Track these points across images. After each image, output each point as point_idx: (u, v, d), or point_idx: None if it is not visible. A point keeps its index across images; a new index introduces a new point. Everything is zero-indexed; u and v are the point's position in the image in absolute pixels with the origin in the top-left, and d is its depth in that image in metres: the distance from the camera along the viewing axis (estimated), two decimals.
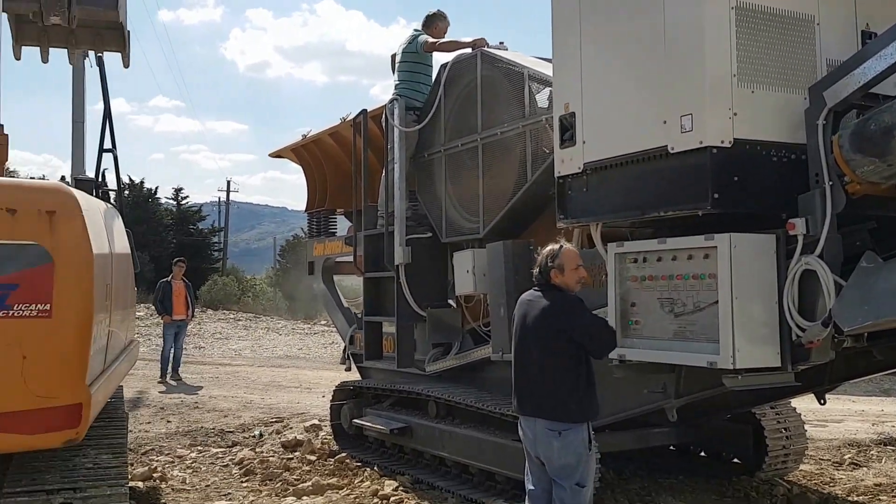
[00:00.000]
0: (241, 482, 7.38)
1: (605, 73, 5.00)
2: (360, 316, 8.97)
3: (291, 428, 9.88)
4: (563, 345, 4.25)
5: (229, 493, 7.02)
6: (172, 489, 7.03)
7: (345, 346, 9.36)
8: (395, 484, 6.85)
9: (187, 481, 7.33)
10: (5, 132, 6.07)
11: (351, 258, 8.72)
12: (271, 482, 7.31)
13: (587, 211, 5.15)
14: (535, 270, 4.47)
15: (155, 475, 7.27)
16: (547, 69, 6.11)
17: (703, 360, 4.36)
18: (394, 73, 7.93)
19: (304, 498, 6.72)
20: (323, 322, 26.64)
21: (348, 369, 9.27)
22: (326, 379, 14.43)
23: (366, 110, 8.27)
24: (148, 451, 8.53)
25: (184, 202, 44.53)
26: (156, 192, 42.58)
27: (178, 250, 33.63)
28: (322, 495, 6.76)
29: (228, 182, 55.44)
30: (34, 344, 3.92)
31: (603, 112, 4.99)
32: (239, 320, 27.51)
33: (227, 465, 8.06)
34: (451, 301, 7.45)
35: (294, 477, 7.46)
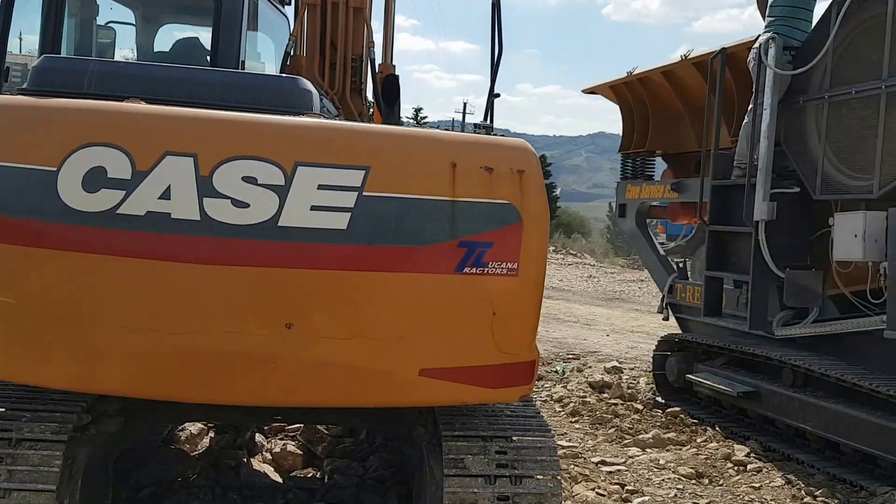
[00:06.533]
0: (571, 422, 7.61)
1: None
2: (681, 266, 9.24)
3: (590, 367, 10.11)
4: None
5: (565, 433, 7.13)
6: None
7: (663, 296, 9.23)
8: (747, 450, 6.75)
9: None
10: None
11: (668, 203, 8.83)
12: (602, 427, 7.49)
13: None
14: None
15: None
16: None
17: None
18: (764, 8, 7.35)
19: (649, 451, 6.76)
20: (573, 253, 28.81)
21: (666, 318, 9.27)
22: (601, 316, 15.82)
23: (725, 49, 7.75)
24: None
25: (422, 121, 46.69)
26: (400, 110, 41.66)
27: None
28: (666, 450, 6.78)
29: (465, 104, 54.64)
30: (503, 302, 3.86)
31: None
32: None
33: (546, 401, 8.33)
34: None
35: (626, 425, 7.54)
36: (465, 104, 56.38)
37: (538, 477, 4.12)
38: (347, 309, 3.64)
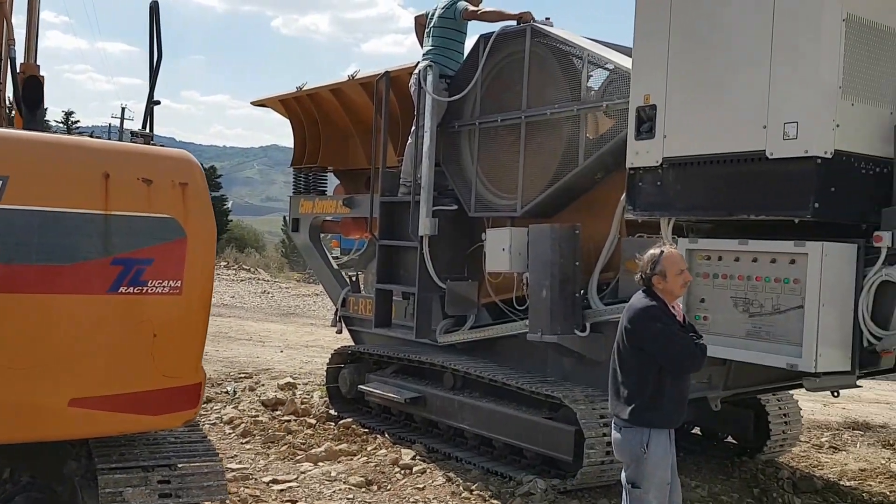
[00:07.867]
0: (242, 444, 7.43)
1: (698, 68, 5.04)
2: (354, 279, 9.47)
3: (264, 385, 9.85)
4: (633, 351, 4.20)
5: (235, 456, 6.97)
6: None
7: (336, 309, 9.31)
8: (413, 453, 7.02)
9: None
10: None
11: (340, 218, 9.09)
12: (275, 445, 7.38)
13: (660, 205, 5.30)
14: (637, 276, 4.31)
15: None
16: (602, 52, 6.27)
17: (781, 361, 4.70)
18: (421, 36, 7.85)
19: (321, 464, 6.78)
20: (246, 268, 29.00)
21: (339, 332, 9.35)
22: (275, 332, 15.57)
23: (389, 73, 8.03)
24: None
25: (74, 127, 43.37)
26: (44, 115, 30.20)
27: None
28: (338, 462, 6.85)
29: (123, 109, 50.83)
30: (165, 322, 3.72)
31: (690, 108, 5.09)
32: None
33: (215, 424, 8.06)
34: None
35: (299, 441, 7.49)
36: (123, 109, 51.66)
37: None
38: None
